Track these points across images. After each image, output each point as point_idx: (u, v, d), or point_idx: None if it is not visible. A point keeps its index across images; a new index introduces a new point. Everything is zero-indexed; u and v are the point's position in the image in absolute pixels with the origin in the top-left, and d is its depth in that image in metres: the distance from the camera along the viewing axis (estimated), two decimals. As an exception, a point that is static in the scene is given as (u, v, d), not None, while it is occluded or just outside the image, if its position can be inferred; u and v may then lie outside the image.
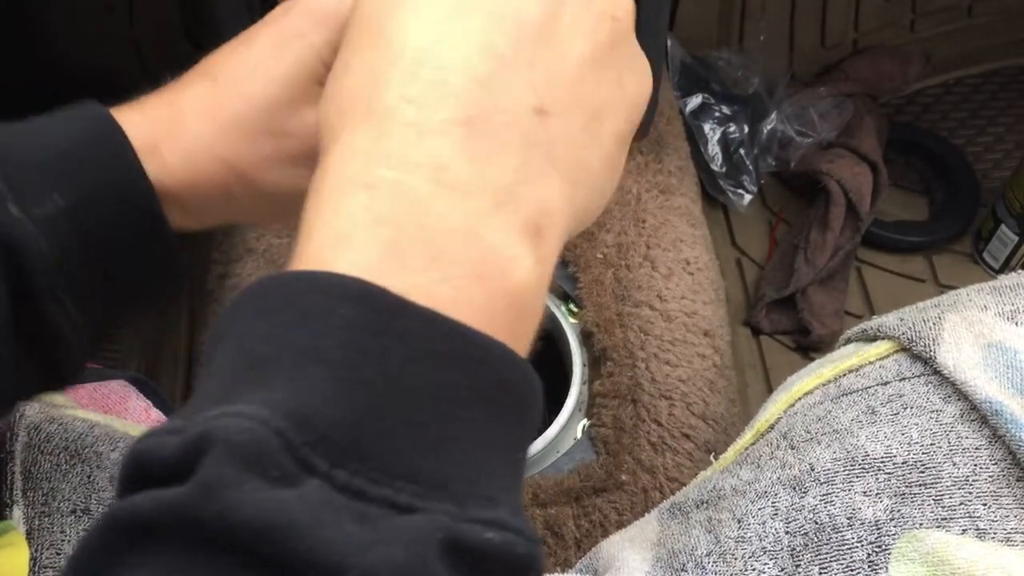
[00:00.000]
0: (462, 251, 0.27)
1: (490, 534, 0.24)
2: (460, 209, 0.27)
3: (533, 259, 0.28)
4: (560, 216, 0.30)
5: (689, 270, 0.89)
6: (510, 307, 0.27)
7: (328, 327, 0.25)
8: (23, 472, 0.47)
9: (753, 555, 0.45)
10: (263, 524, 0.22)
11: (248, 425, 0.23)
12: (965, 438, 0.44)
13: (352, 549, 0.22)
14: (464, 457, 0.25)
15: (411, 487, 0.24)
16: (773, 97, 1.14)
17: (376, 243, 0.26)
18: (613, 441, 0.77)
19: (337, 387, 0.24)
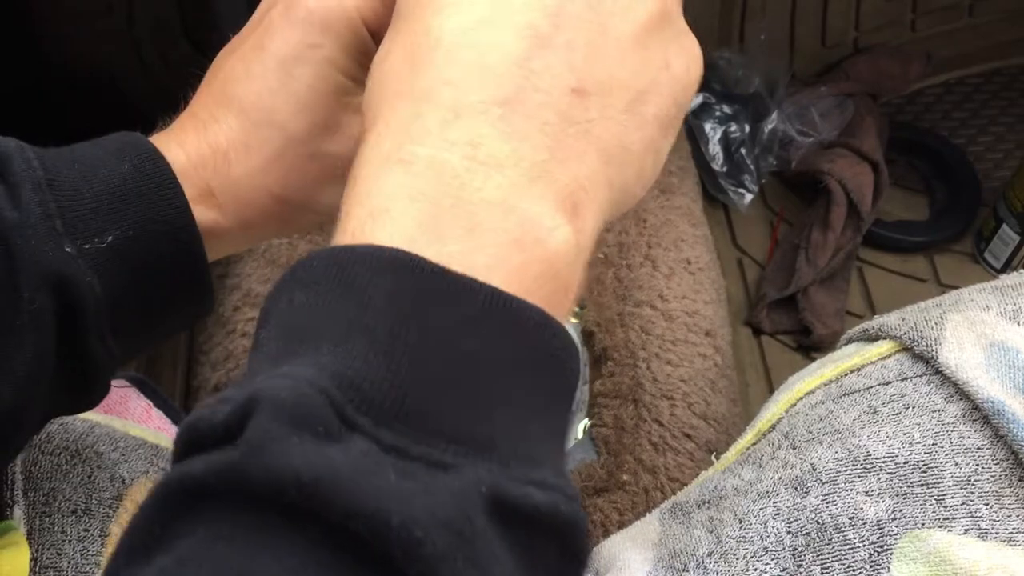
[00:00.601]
0: (498, 221, 0.27)
1: (533, 491, 0.25)
2: (495, 182, 0.28)
3: (570, 230, 0.28)
4: (597, 194, 0.30)
5: (690, 270, 0.89)
6: (547, 275, 0.28)
7: (369, 297, 0.25)
8: (24, 472, 0.47)
9: (755, 555, 0.45)
10: (309, 477, 0.22)
11: (293, 384, 0.24)
12: (967, 438, 0.44)
13: (396, 498, 0.22)
14: (506, 418, 0.25)
15: (454, 447, 0.24)
16: (774, 96, 1.14)
17: (413, 216, 0.27)
18: (614, 441, 0.77)
19: (380, 352, 0.25)
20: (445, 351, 0.25)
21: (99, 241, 0.36)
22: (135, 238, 0.37)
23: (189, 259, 0.38)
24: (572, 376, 0.28)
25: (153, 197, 0.37)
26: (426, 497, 0.23)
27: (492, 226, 0.27)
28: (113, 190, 0.37)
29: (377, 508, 0.22)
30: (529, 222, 0.28)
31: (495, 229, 0.27)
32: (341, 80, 0.39)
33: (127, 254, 0.37)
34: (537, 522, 0.25)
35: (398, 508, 0.22)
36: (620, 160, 0.31)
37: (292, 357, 0.25)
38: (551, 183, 0.28)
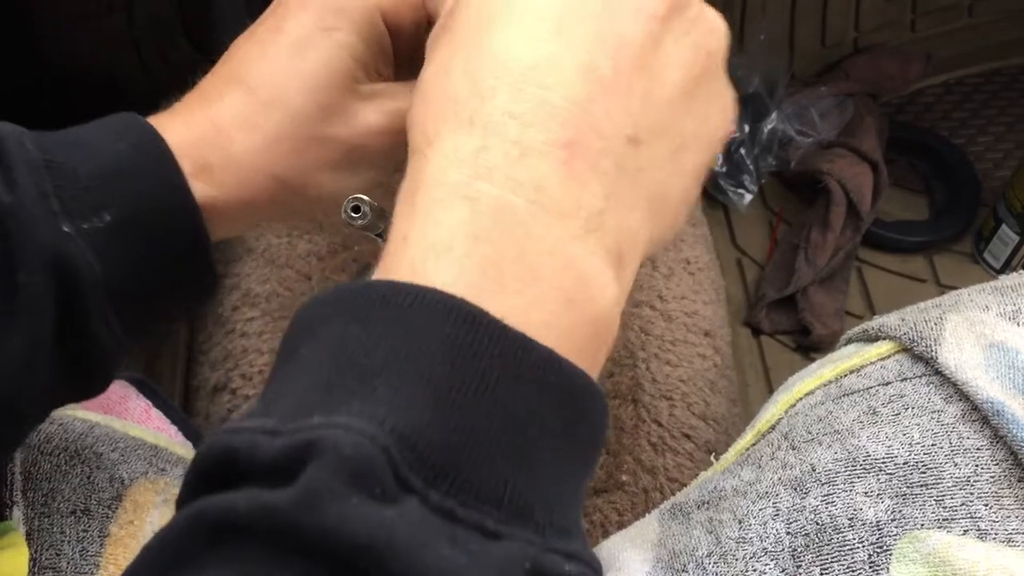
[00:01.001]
0: (556, 275, 0.27)
1: (569, 567, 0.25)
2: (556, 232, 0.28)
3: (617, 287, 0.29)
4: (641, 245, 0.30)
5: (689, 270, 0.89)
6: (594, 335, 0.28)
7: (431, 344, 0.25)
8: (23, 472, 0.47)
9: (754, 556, 0.45)
10: (365, 540, 0.22)
11: (357, 440, 0.23)
12: (967, 438, 0.44)
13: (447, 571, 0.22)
14: (546, 486, 0.26)
15: (496, 512, 0.24)
16: (773, 96, 1.14)
17: (476, 260, 0.27)
18: (613, 441, 0.77)
19: (437, 407, 0.25)
20: (498, 412, 0.25)
21: (97, 220, 0.36)
22: (133, 216, 0.36)
23: (189, 235, 0.38)
24: (602, 439, 0.29)
25: (150, 175, 0.37)
26: (476, 571, 0.23)
27: (551, 281, 0.27)
28: (109, 169, 0.36)
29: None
30: (584, 280, 0.28)
31: (553, 286, 0.27)
32: (352, 66, 0.39)
33: (125, 232, 0.36)
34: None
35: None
36: (660, 210, 0.31)
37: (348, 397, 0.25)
38: (605, 235, 0.28)
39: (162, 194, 0.37)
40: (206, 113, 0.39)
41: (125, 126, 0.38)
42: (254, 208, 0.40)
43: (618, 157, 0.29)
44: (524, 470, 0.25)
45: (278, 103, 0.39)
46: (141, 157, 0.37)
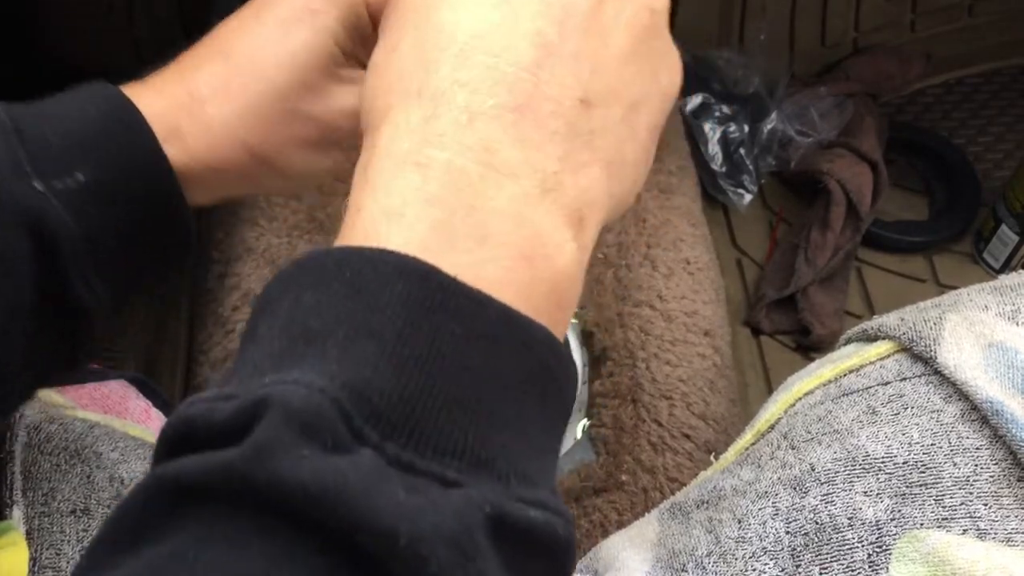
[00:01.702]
0: (510, 233, 0.27)
1: (534, 513, 0.25)
2: (509, 192, 0.28)
3: (576, 246, 0.29)
4: (600, 205, 0.30)
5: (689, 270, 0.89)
6: (552, 293, 0.28)
7: (382, 302, 0.25)
8: (23, 472, 0.47)
9: (753, 555, 0.45)
10: (317, 489, 0.22)
11: (306, 392, 0.24)
12: (966, 438, 0.44)
13: (404, 516, 0.22)
14: (508, 437, 0.26)
15: (457, 463, 0.24)
16: (773, 96, 1.14)
17: (427, 221, 0.27)
18: (613, 441, 0.77)
19: (390, 362, 0.25)
20: (453, 366, 0.25)
21: (70, 180, 0.36)
22: (106, 176, 0.37)
23: (163, 195, 0.38)
24: (569, 396, 0.28)
25: (120, 137, 0.37)
26: (433, 515, 0.23)
27: (504, 239, 0.27)
28: (79, 132, 0.37)
29: (385, 524, 0.22)
30: (539, 237, 0.28)
31: (507, 242, 0.27)
32: (334, 50, 0.39)
33: (98, 192, 0.36)
34: (533, 543, 0.25)
35: (407, 526, 0.22)
36: (619, 171, 0.31)
37: (299, 359, 0.25)
38: (560, 195, 0.29)
39: (134, 155, 0.37)
40: (181, 81, 0.39)
41: (94, 93, 0.38)
42: (224, 176, 0.40)
43: (570, 120, 0.29)
44: (484, 422, 0.25)
45: (256, 75, 0.39)
46: (111, 120, 0.37)
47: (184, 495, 0.23)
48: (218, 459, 0.23)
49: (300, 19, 0.39)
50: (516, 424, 0.26)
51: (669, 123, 1.02)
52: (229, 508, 0.23)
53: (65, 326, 0.38)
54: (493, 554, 0.24)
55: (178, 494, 0.23)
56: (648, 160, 0.34)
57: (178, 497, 0.23)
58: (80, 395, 0.55)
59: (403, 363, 0.25)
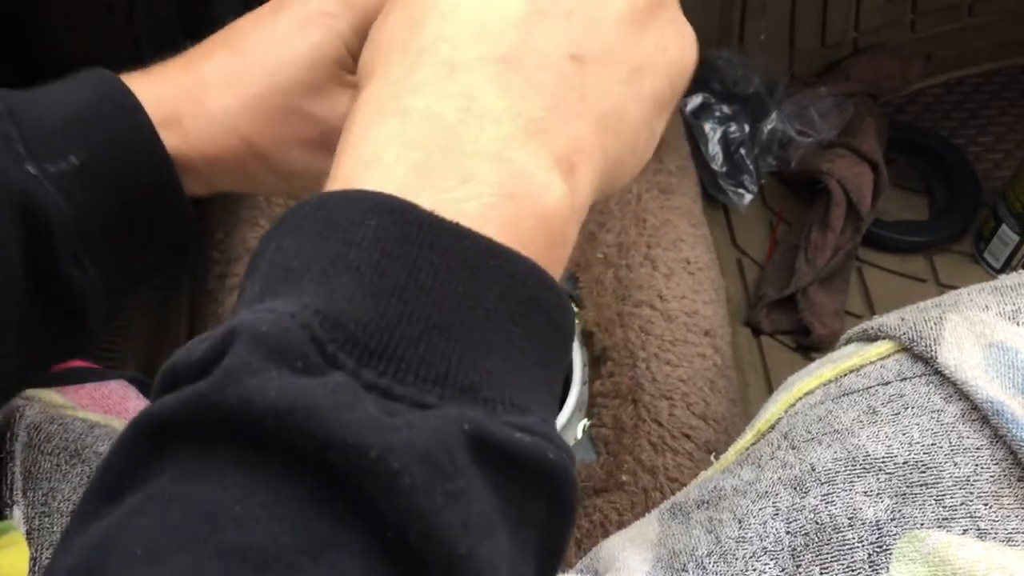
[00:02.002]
0: (492, 172, 0.27)
1: (521, 436, 0.24)
2: (491, 135, 0.28)
3: (564, 187, 0.28)
4: (592, 158, 0.30)
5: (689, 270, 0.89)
6: (540, 230, 0.27)
7: (357, 237, 0.25)
8: (23, 472, 0.47)
9: (754, 555, 0.45)
10: (284, 407, 0.22)
11: (275, 317, 0.23)
12: (966, 438, 0.44)
13: (374, 430, 0.22)
14: (493, 365, 0.25)
15: (438, 389, 0.24)
16: (774, 96, 1.14)
17: (405, 164, 0.27)
18: (613, 441, 0.77)
19: (367, 292, 0.24)
20: (433, 294, 0.25)
21: (64, 164, 0.36)
22: (100, 160, 0.37)
23: (158, 180, 0.38)
24: (564, 328, 0.28)
25: (114, 120, 0.37)
26: (406, 431, 0.22)
27: (485, 177, 0.27)
28: (73, 115, 0.37)
29: (355, 439, 0.22)
30: (523, 175, 0.27)
31: (488, 180, 0.27)
32: (343, 54, 0.39)
33: (92, 174, 0.36)
34: (523, 466, 0.24)
35: (376, 440, 0.22)
36: (616, 129, 0.31)
37: (273, 296, 0.25)
38: (547, 140, 0.28)
39: (128, 139, 0.37)
40: (186, 69, 0.39)
41: (90, 78, 0.38)
42: (220, 168, 0.40)
43: (559, 73, 0.29)
44: (468, 349, 0.25)
45: (264, 70, 0.39)
46: (106, 104, 0.37)
47: (162, 435, 0.23)
48: (190, 392, 0.23)
49: (313, 20, 0.39)
50: (503, 353, 0.25)
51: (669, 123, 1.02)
52: (203, 441, 0.22)
53: (58, 309, 0.37)
54: (475, 473, 0.23)
55: (157, 435, 0.23)
56: (652, 130, 0.34)
57: (158, 438, 0.23)
58: (80, 395, 0.55)
59: (380, 293, 0.24)
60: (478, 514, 0.23)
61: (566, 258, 0.29)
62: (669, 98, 0.34)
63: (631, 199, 0.92)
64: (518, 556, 0.25)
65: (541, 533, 0.26)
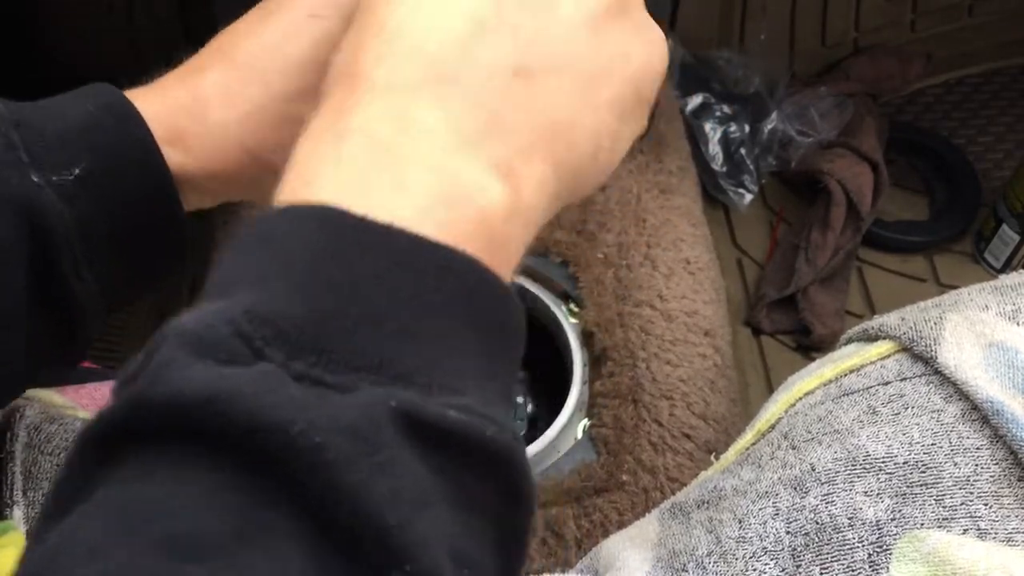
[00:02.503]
0: (425, 180, 0.27)
1: (454, 413, 0.24)
2: (424, 147, 0.28)
3: (502, 188, 0.28)
4: (538, 165, 0.30)
5: (690, 270, 0.89)
6: (478, 231, 0.27)
7: (290, 246, 0.25)
8: (23, 472, 0.47)
9: (754, 555, 0.45)
10: (209, 395, 0.22)
11: (200, 316, 0.24)
12: (966, 438, 0.44)
13: (296, 408, 0.22)
14: (429, 353, 0.25)
15: (371, 376, 0.24)
16: (774, 96, 1.14)
17: (340, 180, 0.27)
18: (614, 441, 0.77)
19: (298, 292, 0.24)
20: (366, 290, 0.25)
21: (67, 174, 0.36)
22: (102, 170, 0.37)
23: (158, 192, 0.38)
24: (508, 321, 0.28)
25: (117, 132, 0.37)
26: (331, 408, 0.22)
27: (419, 185, 0.27)
28: (77, 126, 0.37)
29: (277, 419, 0.22)
30: (458, 180, 0.28)
31: (422, 187, 0.27)
32: None
33: (95, 185, 0.37)
34: (459, 445, 0.24)
35: (298, 416, 0.22)
36: (568, 139, 0.31)
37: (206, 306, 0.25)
38: (484, 149, 0.29)
39: (129, 150, 0.38)
40: (185, 84, 0.40)
41: (94, 92, 0.39)
42: (224, 180, 0.40)
43: (502, 88, 0.30)
44: (403, 340, 0.25)
45: (260, 79, 0.39)
46: (108, 116, 0.38)
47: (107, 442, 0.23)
48: (125, 396, 0.23)
49: (303, 25, 0.39)
50: (439, 342, 0.25)
51: (669, 123, 1.02)
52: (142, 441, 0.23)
53: (61, 318, 0.38)
54: (405, 447, 0.23)
55: (102, 443, 0.23)
56: (616, 136, 0.33)
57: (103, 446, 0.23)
58: (80, 395, 0.55)
59: (311, 290, 0.25)
60: (409, 487, 0.23)
61: (513, 259, 0.29)
62: (634, 104, 0.34)
63: (631, 199, 0.92)
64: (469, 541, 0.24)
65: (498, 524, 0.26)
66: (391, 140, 0.28)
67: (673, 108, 1.04)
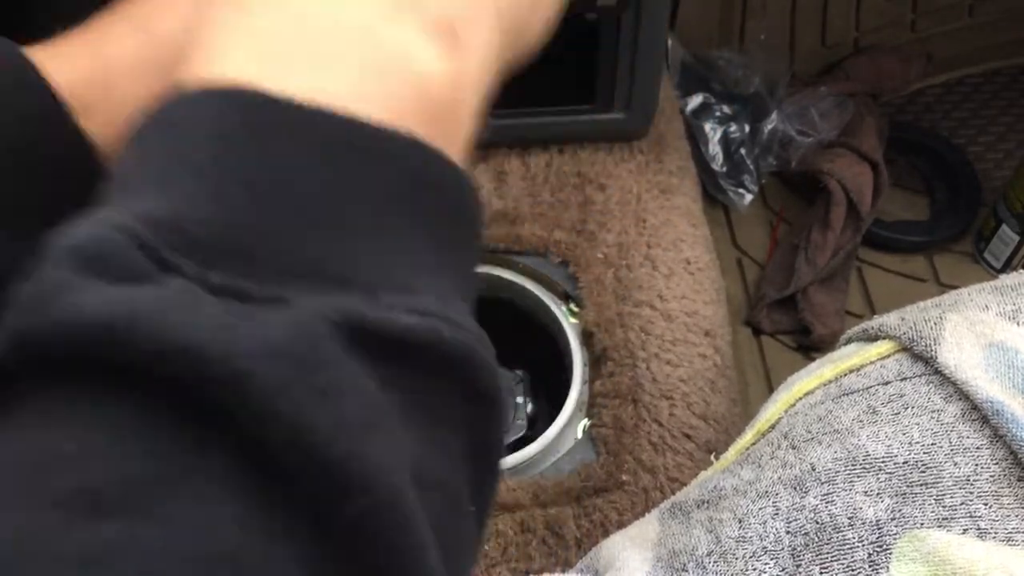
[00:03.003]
0: (354, 51, 0.24)
1: (409, 318, 0.21)
2: (351, 13, 0.24)
3: (445, 53, 0.25)
4: (482, 23, 0.27)
5: (690, 270, 0.89)
6: (420, 103, 0.24)
7: (196, 133, 0.22)
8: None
9: (754, 555, 0.45)
10: (104, 322, 0.18)
11: (89, 228, 0.20)
12: (966, 438, 0.44)
13: (213, 330, 0.19)
14: (371, 248, 0.22)
15: (305, 283, 0.20)
16: (774, 96, 1.14)
17: (252, 55, 0.23)
18: (614, 441, 0.77)
19: (207, 188, 0.21)
20: (290, 182, 0.21)
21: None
22: None
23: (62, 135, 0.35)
24: (460, 203, 0.25)
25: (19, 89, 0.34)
26: (256, 328, 0.19)
27: (347, 58, 0.23)
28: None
29: (192, 343, 0.18)
30: (392, 47, 0.24)
31: (350, 61, 0.23)
32: None
33: None
34: (415, 350, 0.21)
35: (217, 339, 0.19)
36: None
37: None
38: (419, 10, 0.25)
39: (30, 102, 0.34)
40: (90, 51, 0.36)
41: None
42: None
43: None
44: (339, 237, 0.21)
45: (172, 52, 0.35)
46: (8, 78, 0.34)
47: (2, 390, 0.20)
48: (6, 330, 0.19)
49: None
50: (386, 238, 0.22)
51: (669, 123, 1.02)
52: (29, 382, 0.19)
53: None
54: (351, 364, 0.20)
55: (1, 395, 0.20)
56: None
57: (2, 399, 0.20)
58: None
59: (225, 188, 0.21)
60: (356, 410, 0.20)
61: (462, 130, 0.26)
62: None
63: (631, 199, 0.92)
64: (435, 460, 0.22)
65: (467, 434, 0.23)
66: (313, 8, 0.24)
67: (673, 108, 1.04)
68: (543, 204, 0.90)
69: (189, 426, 0.19)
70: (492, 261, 0.87)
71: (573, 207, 0.90)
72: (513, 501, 0.73)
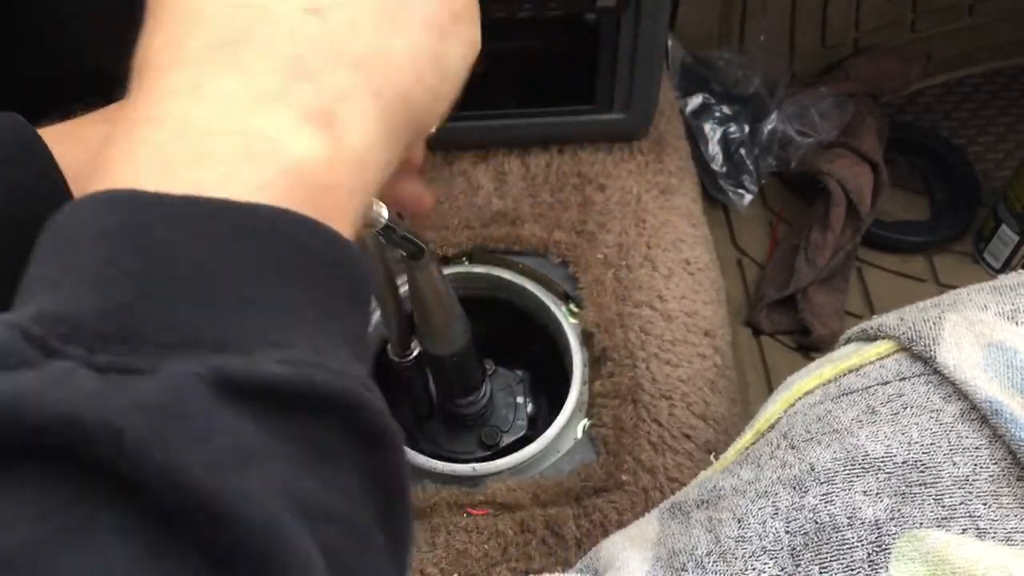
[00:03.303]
0: (227, 145, 0.26)
1: (273, 366, 0.23)
2: (224, 113, 0.26)
3: (320, 135, 0.27)
4: (358, 103, 0.29)
5: (689, 270, 0.89)
6: (297, 185, 0.26)
7: (78, 237, 0.24)
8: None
9: (753, 555, 0.45)
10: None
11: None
12: (965, 438, 0.44)
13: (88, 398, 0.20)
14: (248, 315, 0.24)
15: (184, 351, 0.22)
16: (774, 97, 1.14)
17: (136, 164, 0.26)
18: (613, 441, 0.77)
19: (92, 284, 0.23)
20: (169, 267, 0.23)
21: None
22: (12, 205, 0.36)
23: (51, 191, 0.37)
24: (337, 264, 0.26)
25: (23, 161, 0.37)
26: (126, 391, 0.21)
27: (222, 152, 0.26)
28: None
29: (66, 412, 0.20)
30: (263, 139, 0.26)
31: (224, 154, 0.26)
32: None
33: None
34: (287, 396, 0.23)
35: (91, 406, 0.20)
36: (383, 69, 0.30)
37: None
38: (290, 102, 0.27)
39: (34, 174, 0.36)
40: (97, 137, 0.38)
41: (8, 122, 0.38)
42: None
43: (296, 32, 0.28)
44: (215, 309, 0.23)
45: None
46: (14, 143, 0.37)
47: None
48: None
49: None
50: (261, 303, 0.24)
51: (669, 124, 1.02)
52: None
53: None
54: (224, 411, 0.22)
55: None
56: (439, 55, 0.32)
57: None
58: None
59: (108, 281, 0.23)
60: (230, 449, 0.21)
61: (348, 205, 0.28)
62: (450, 22, 0.32)
63: (631, 199, 0.92)
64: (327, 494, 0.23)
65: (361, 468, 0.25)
66: (187, 115, 0.26)
67: (673, 108, 1.04)
68: (543, 204, 0.90)
69: (78, 487, 0.20)
70: (492, 261, 0.87)
71: (573, 207, 0.90)
72: (513, 501, 0.73)
